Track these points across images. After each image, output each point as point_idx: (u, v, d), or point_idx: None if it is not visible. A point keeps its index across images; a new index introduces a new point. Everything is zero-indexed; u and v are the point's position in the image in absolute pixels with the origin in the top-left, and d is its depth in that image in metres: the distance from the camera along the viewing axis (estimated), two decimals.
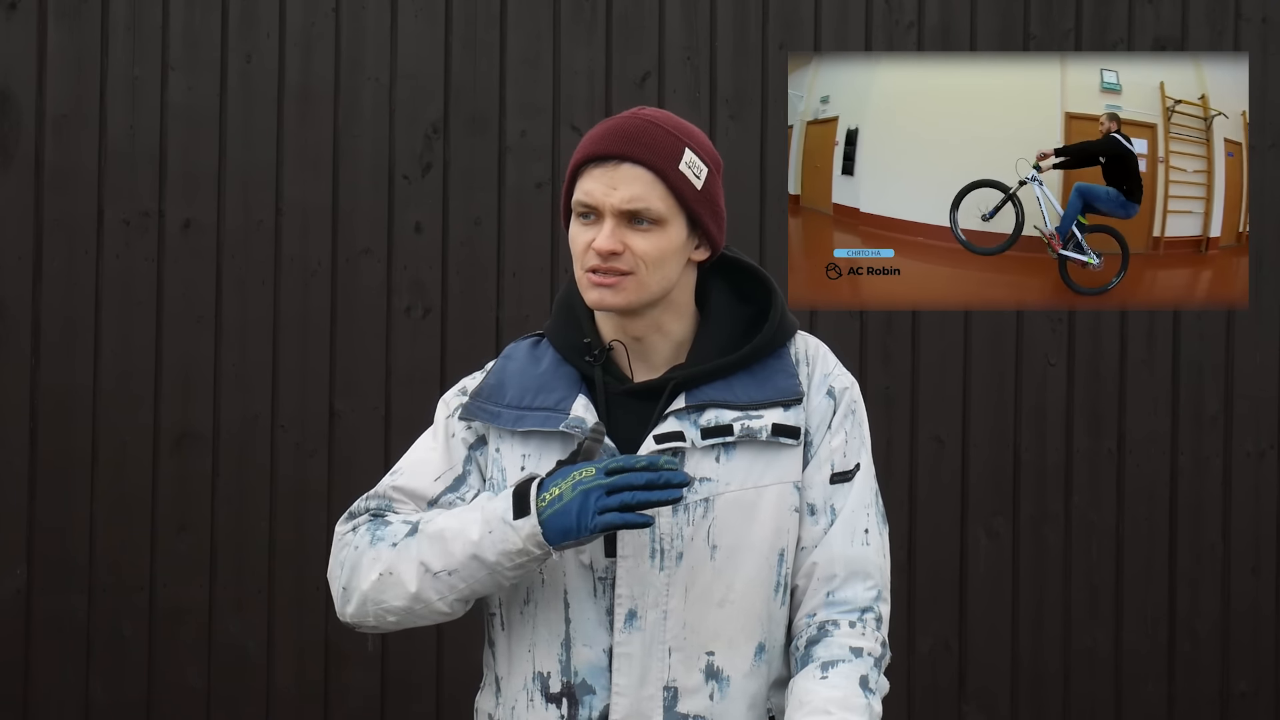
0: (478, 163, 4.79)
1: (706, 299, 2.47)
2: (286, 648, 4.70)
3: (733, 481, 2.37)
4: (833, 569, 2.39)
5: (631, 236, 2.35)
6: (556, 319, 2.50)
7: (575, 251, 2.39)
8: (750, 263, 2.50)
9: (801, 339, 2.48)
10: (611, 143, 2.36)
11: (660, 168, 2.36)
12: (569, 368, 2.44)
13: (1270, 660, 4.94)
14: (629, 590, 2.36)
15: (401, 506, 2.49)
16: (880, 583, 2.41)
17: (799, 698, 2.33)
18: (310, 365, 4.73)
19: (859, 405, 2.46)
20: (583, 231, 2.38)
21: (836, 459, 2.42)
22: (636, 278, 2.36)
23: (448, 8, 4.80)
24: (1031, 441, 4.90)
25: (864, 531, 2.40)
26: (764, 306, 2.47)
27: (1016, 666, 4.88)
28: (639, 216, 2.35)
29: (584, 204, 2.37)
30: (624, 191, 2.35)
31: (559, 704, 2.38)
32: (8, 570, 4.65)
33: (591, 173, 2.37)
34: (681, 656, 2.36)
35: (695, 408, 2.38)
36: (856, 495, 2.42)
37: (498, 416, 2.43)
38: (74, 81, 4.70)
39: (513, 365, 2.48)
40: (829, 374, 2.45)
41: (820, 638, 2.37)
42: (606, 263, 2.35)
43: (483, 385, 2.48)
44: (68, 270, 4.68)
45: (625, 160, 2.35)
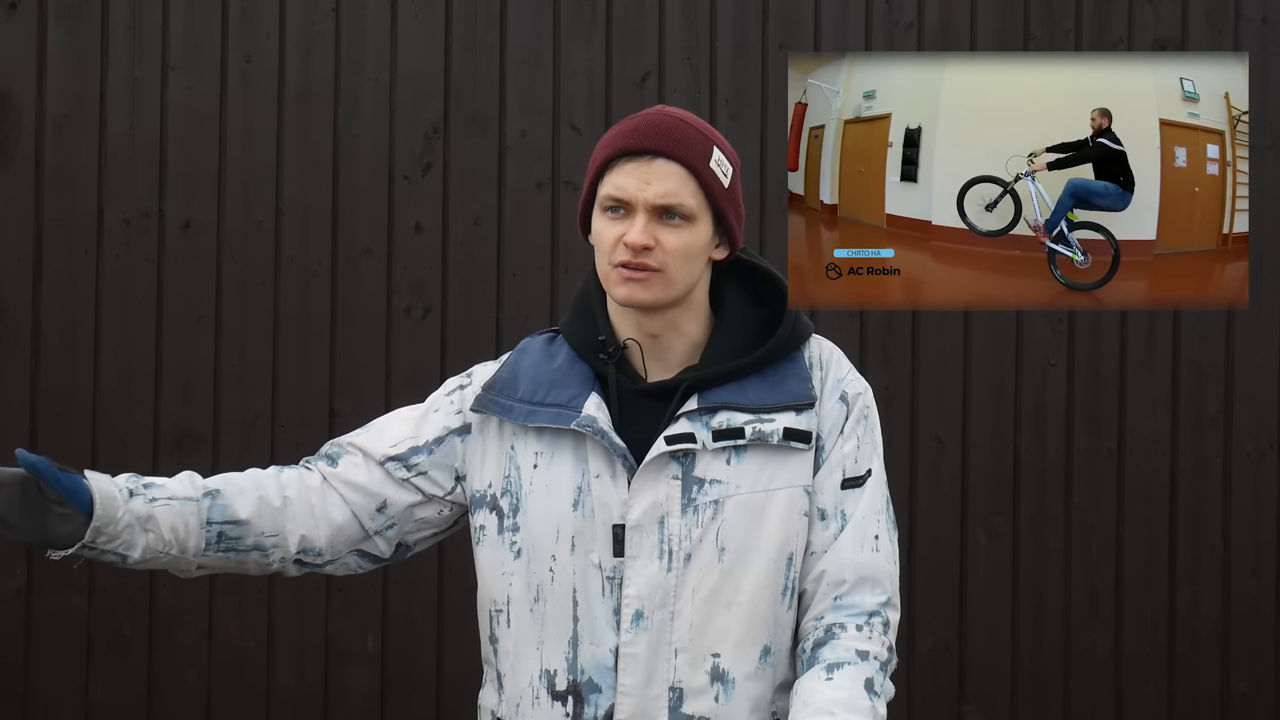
0: (478, 163, 4.79)
1: (721, 300, 2.47)
2: (286, 648, 4.70)
3: (743, 484, 2.37)
4: (842, 574, 2.39)
5: (662, 232, 2.36)
6: (573, 315, 2.50)
7: (602, 246, 2.38)
8: (766, 265, 2.51)
9: (816, 343, 2.49)
10: (645, 137, 2.36)
11: (694, 164, 2.36)
12: (583, 365, 2.44)
13: (1270, 660, 4.94)
14: (636, 591, 2.36)
15: (351, 459, 2.51)
16: (889, 589, 2.41)
17: (803, 698, 2.33)
18: (310, 365, 4.73)
19: (872, 411, 2.47)
20: (611, 226, 2.37)
21: (848, 464, 2.43)
22: (665, 275, 2.36)
23: (448, 8, 4.80)
24: (1031, 442, 4.90)
25: (874, 538, 2.41)
26: (778, 309, 2.47)
27: (1016, 667, 4.88)
28: (671, 212, 2.36)
29: (615, 198, 2.36)
30: (659, 186, 2.35)
31: (564, 702, 2.38)
32: (8, 570, 4.65)
33: (623, 167, 2.36)
34: (687, 658, 2.36)
35: (707, 409, 2.38)
36: (868, 501, 2.42)
37: (510, 410, 2.44)
38: (74, 81, 4.70)
39: (527, 359, 2.48)
40: (842, 379, 2.46)
41: (826, 640, 2.37)
42: (638, 257, 2.35)
43: (495, 378, 2.49)
44: (68, 271, 4.68)
45: (660, 155, 2.36)
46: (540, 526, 2.39)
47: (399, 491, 2.50)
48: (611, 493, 2.37)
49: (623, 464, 2.37)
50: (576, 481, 2.38)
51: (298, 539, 2.48)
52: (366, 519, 2.50)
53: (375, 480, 2.50)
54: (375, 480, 2.50)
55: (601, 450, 2.38)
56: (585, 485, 2.38)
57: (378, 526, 2.51)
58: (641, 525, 2.36)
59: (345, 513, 2.50)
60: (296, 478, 2.51)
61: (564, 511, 2.38)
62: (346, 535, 2.51)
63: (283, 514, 2.48)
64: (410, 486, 2.50)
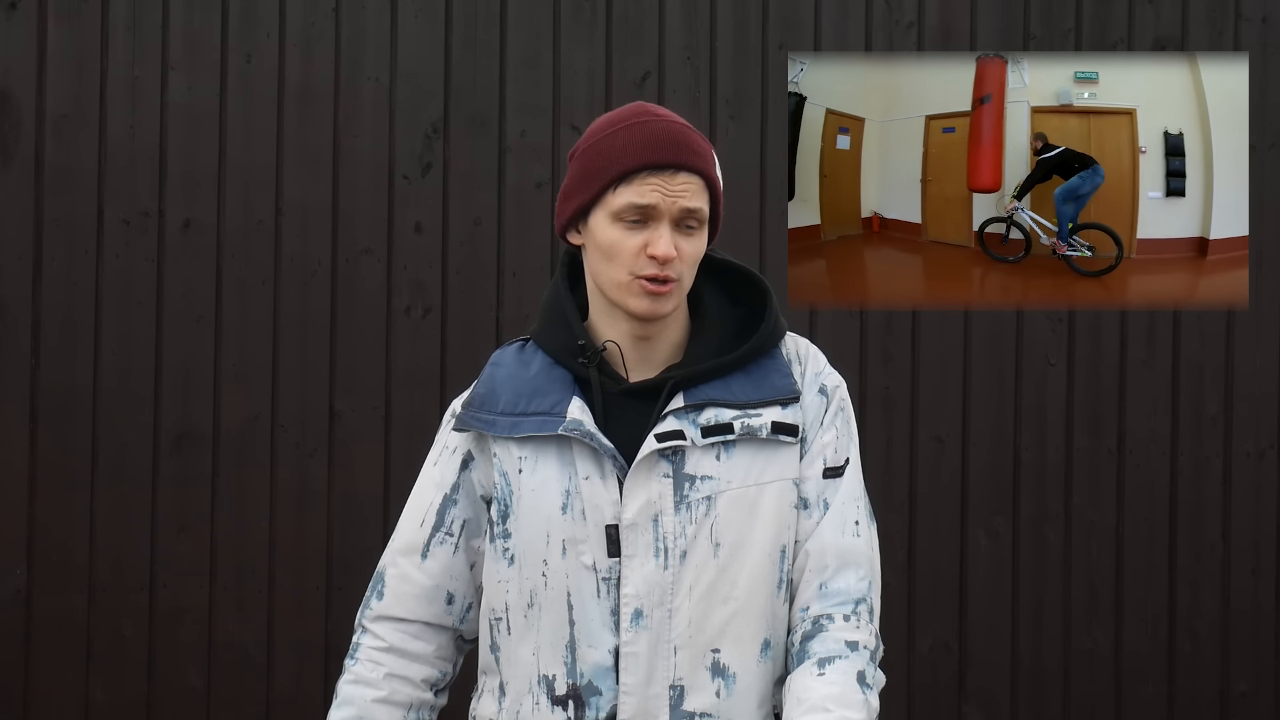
0: (478, 163, 4.79)
1: (699, 300, 2.49)
2: (286, 648, 4.70)
3: (734, 479, 2.38)
4: (825, 560, 2.41)
5: (680, 240, 2.39)
6: (544, 321, 2.50)
7: (620, 255, 2.38)
8: (743, 265, 2.53)
9: (791, 339, 2.51)
10: (669, 151, 2.38)
11: (709, 174, 2.41)
12: (561, 370, 2.44)
13: (1270, 660, 4.94)
14: (635, 590, 2.36)
15: (400, 590, 2.51)
16: (871, 573, 2.43)
17: (796, 695, 2.34)
18: (310, 365, 4.73)
19: (847, 403, 2.50)
20: (630, 235, 2.38)
21: (829, 454, 2.45)
22: (680, 283, 2.40)
23: (448, 8, 4.80)
24: (1031, 441, 4.90)
25: (854, 523, 2.43)
26: (755, 308, 2.49)
27: (1016, 666, 4.88)
28: (689, 220, 2.39)
29: (641, 208, 2.37)
30: (685, 197, 2.38)
31: (565, 706, 2.38)
32: (8, 570, 4.65)
33: (648, 180, 2.37)
34: (687, 655, 2.36)
35: (694, 406, 2.39)
36: (846, 489, 2.44)
37: (493, 424, 2.44)
38: (74, 81, 4.70)
39: (502, 371, 2.48)
40: (820, 372, 2.49)
41: (815, 632, 2.38)
42: (664, 270, 2.37)
43: (474, 395, 2.49)
44: (68, 270, 4.68)
45: (683, 169, 2.38)
46: (530, 532, 2.40)
47: (453, 574, 2.51)
48: (602, 493, 2.37)
49: (612, 464, 2.37)
50: (564, 485, 2.38)
51: (421, 693, 2.52)
52: (447, 621, 2.52)
53: (432, 596, 2.52)
54: (432, 596, 2.52)
55: (589, 452, 2.38)
56: (573, 488, 2.38)
57: (455, 620, 2.53)
58: (636, 524, 2.36)
59: (426, 645, 2.52)
60: (375, 675, 2.52)
61: (553, 515, 2.38)
62: (446, 653, 2.54)
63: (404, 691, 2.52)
64: (461, 550, 2.50)
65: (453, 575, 2.50)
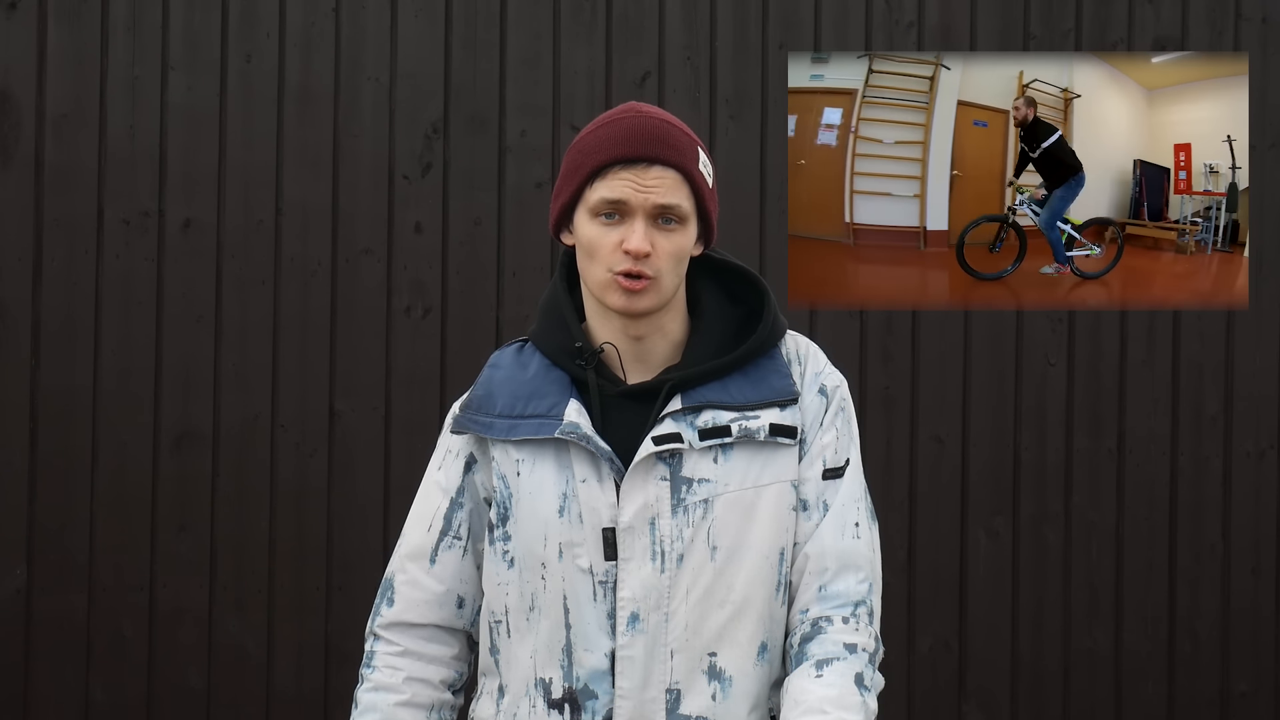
0: (478, 163, 4.79)
1: (698, 300, 2.47)
2: (286, 648, 4.70)
3: (731, 482, 2.37)
4: (824, 562, 2.39)
5: (656, 236, 2.35)
6: (542, 322, 2.48)
7: (600, 253, 2.36)
8: (740, 264, 2.50)
9: (791, 339, 2.49)
10: (641, 145, 2.35)
11: (687, 168, 2.37)
12: (559, 372, 2.43)
13: (1270, 660, 4.94)
14: (631, 593, 2.35)
15: (410, 596, 2.50)
16: (871, 576, 2.41)
17: (794, 697, 2.33)
18: (310, 365, 4.73)
19: (848, 403, 2.47)
20: (606, 232, 2.36)
21: (828, 455, 2.42)
22: (659, 280, 2.36)
23: (448, 8, 4.80)
24: (1031, 441, 4.90)
25: (854, 525, 2.41)
26: (754, 307, 2.47)
27: (1016, 666, 4.88)
28: (667, 216, 2.36)
29: (612, 202, 2.35)
30: (658, 192, 2.35)
31: (561, 710, 2.37)
32: (8, 570, 4.65)
33: (619, 174, 2.35)
34: (684, 658, 2.35)
35: (692, 409, 2.37)
36: (846, 490, 2.42)
37: (490, 428, 2.43)
38: (74, 81, 4.70)
39: (500, 374, 2.47)
40: (820, 372, 2.46)
41: (814, 634, 2.37)
42: (638, 265, 2.34)
43: (471, 397, 2.47)
44: (68, 270, 4.68)
45: (656, 162, 2.35)
46: (528, 535, 2.39)
47: (462, 578, 2.51)
48: (599, 497, 2.36)
49: (609, 467, 2.36)
50: (561, 488, 2.37)
51: (440, 694, 2.53)
52: (459, 624, 2.52)
53: (443, 598, 2.51)
54: (443, 598, 2.51)
55: (586, 455, 2.37)
56: (571, 491, 2.37)
57: (466, 623, 2.52)
58: (633, 527, 2.35)
59: (441, 648, 2.52)
60: (393, 681, 2.52)
61: (550, 518, 2.37)
62: (460, 654, 2.54)
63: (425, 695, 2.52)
64: (469, 554, 2.50)
65: (462, 579, 2.49)
